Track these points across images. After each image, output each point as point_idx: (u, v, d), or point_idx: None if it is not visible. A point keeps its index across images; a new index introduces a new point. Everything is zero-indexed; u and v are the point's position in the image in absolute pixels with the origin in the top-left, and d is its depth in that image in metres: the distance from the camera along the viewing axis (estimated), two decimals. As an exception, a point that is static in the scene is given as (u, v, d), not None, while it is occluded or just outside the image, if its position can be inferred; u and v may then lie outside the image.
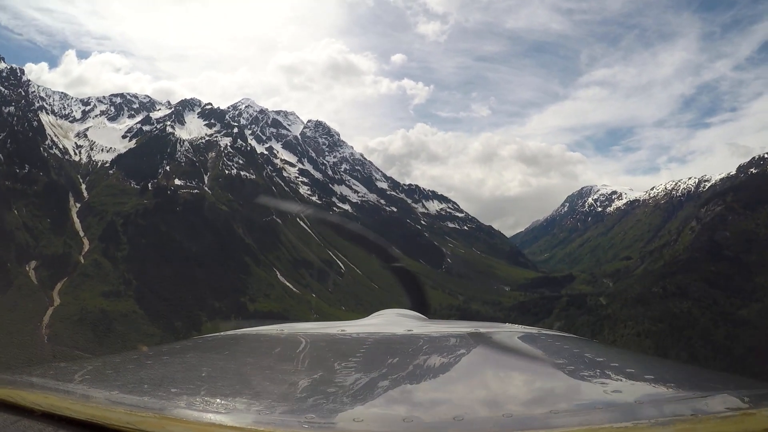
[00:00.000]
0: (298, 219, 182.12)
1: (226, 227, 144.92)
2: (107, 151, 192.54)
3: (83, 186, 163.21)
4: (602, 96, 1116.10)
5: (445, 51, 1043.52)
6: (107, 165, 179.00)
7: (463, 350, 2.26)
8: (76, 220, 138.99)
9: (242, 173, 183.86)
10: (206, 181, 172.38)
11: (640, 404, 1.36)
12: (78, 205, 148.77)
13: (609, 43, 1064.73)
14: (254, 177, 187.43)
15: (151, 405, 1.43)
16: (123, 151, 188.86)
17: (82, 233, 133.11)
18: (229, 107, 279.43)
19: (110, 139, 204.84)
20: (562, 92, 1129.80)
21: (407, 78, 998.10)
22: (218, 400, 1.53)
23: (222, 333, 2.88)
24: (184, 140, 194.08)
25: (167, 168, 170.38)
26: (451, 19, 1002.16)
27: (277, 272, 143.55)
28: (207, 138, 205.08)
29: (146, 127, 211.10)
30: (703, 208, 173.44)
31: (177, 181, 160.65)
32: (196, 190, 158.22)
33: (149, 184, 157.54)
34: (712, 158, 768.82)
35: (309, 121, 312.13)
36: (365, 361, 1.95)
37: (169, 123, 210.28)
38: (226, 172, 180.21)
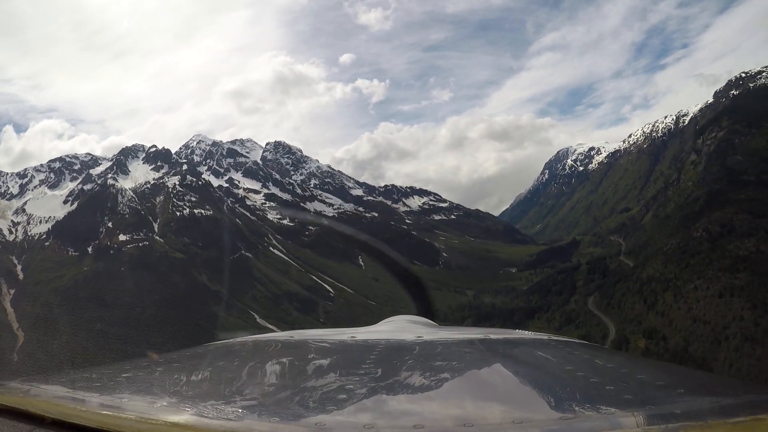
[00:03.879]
0: (270, 247, 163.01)
1: (185, 277, 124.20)
2: (45, 222, 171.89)
3: (18, 267, 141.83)
4: (556, 60, 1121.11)
5: (393, 48, 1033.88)
6: (44, 237, 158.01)
7: (474, 357, 2.25)
8: (11, 310, 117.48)
9: (196, 211, 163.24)
10: (156, 229, 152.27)
11: (650, 410, 1.36)
12: (12, 291, 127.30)
13: (552, 7, 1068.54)
14: (212, 213, 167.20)
15: (161, 412, 1.44)
16: (61, 218, 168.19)
17: (15, 325, 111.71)
18: (181, 147, 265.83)
19: (51, 208, 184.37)
20: (516, 65, 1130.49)
21: (360, 78, 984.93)
22: (228, 407, 1.54)
23: (232, 340, 2.90)
24: (126, 190, 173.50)
25: (109, 225, 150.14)
26: (392, 2, 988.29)
27: (256, 315, 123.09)
28: (153, 182, 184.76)
29: (87, 186, 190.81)
30: (699, 139, 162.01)
31: (122, 237, 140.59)
32: (144, 242, 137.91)
33: (89, 248, 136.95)
34: (676, 96, 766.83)
35: (268, 143, 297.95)
36: (375, 367, 1.95)
37: (110, 176, 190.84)
38: (178, 213, 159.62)
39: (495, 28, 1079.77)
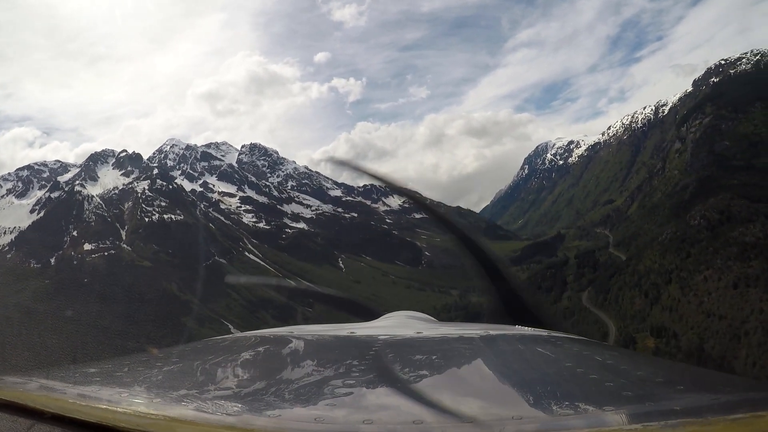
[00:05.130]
0: (246, 252, 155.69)
1: (153, 287, 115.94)
2: (10, 232, 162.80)
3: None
4: (531, 56, 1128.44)
5: (369, 47, 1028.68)
6: (6, 249, 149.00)
7: (473, 353, 2.22)
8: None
9: (166, 216, 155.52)
10: (123, 237, 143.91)
11: (649, 407, 1.37)
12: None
13: (526, 3, 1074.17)
14: (182, 218, 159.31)
15: (161, 407, 1.44)
16: (26, 228, 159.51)
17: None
18: (154, 152, 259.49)
19: (17, 218, 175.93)
20: (492, 62, 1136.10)
21: (336, 77, 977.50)
22: (228, 402, 1.55)
23: (232, 335, 2.90)
24: (93, 197, 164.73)
25: (74, 233, 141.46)
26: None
27: (230, 325, 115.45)
28: (121, 187, 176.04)
29: (55, 194, 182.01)
30: (683, 127, 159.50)
31: (87, 246, 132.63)
32: (111, 251, 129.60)
33: (52, 259, 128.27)
34: (653, 88, 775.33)
35: (243, 146, 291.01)
36: (375, 363, 1.96)
37: (78, 182, 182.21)
38: (146, 219, 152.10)
39: (470, 26, 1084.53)
